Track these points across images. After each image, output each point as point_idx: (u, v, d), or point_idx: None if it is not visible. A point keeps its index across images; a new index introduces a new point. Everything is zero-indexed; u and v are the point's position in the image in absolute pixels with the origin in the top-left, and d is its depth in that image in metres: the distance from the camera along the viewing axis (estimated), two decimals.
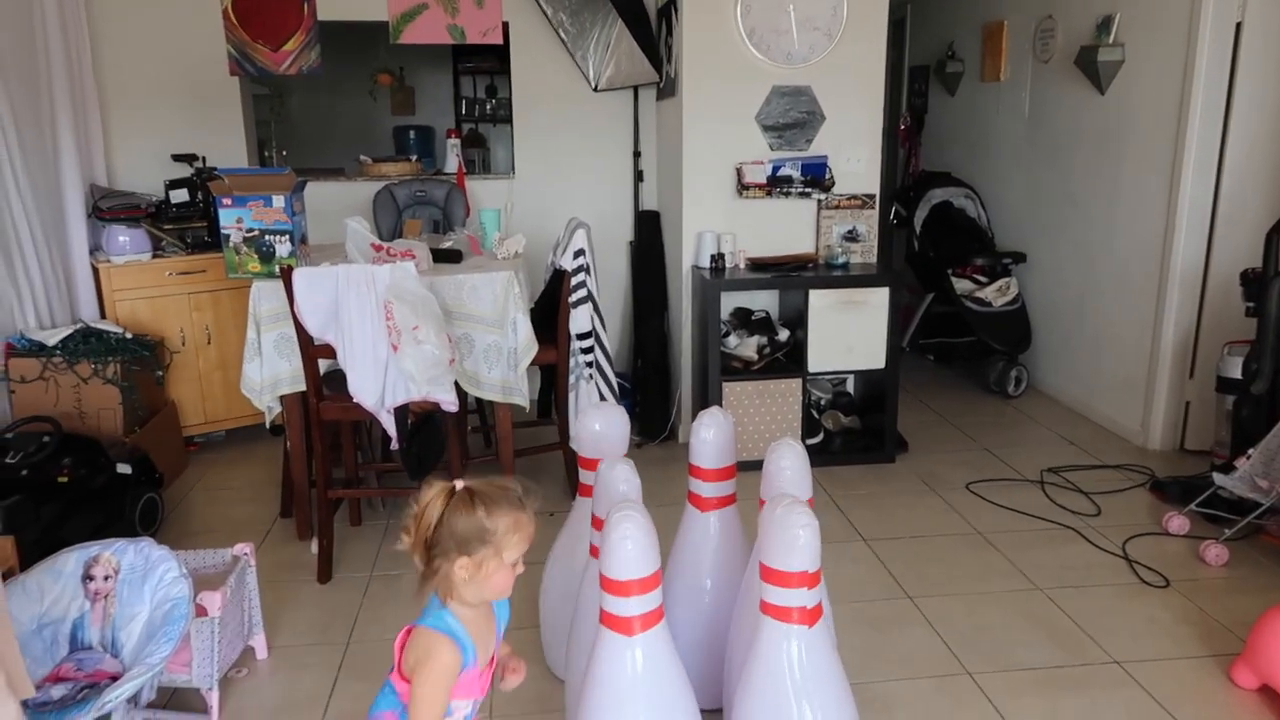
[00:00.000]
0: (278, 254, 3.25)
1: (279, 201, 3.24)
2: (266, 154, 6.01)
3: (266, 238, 3.25)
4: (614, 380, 3.69)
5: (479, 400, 3.85)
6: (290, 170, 3.72)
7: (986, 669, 2.55)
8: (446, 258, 3.51)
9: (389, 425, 3.00)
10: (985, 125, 5.55)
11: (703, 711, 2.22)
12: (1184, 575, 3.05)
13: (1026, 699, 2.42)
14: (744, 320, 4.15)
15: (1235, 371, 3.58)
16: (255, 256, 3.26)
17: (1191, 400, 4.11)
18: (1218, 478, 3.23)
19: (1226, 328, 3.92)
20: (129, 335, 3.83)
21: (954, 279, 4.99)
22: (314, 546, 3.17)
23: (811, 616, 1.87)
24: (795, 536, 1.81)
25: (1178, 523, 3.34)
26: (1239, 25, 3.78)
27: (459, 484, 1.51)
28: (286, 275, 2.93)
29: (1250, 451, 3.22)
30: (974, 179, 5.52)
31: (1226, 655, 2.57)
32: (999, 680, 2.50)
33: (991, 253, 5.09)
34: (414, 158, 5.24)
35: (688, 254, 4.23)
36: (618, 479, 2.04)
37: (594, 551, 2.15)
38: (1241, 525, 3.15)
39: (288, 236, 3.25)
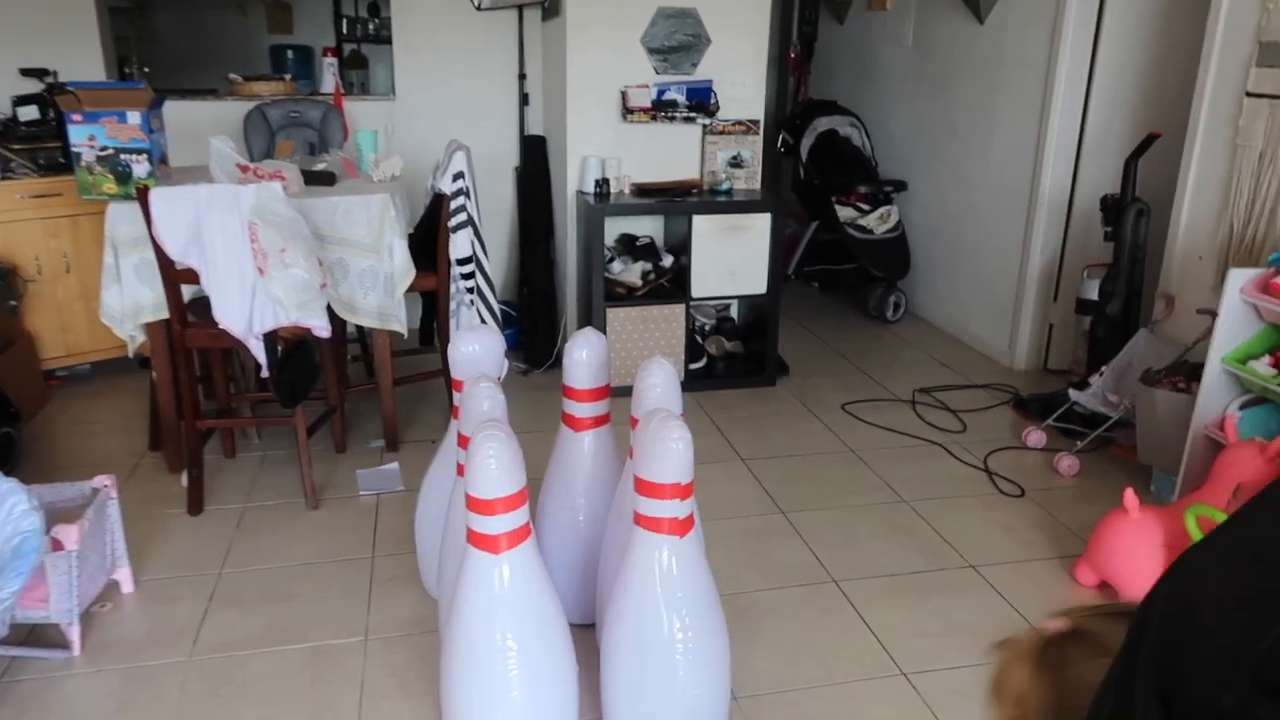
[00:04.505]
0: (134, 174, 3.08)
1: (134, 118, 3.06)
2: (127, 71, 5.65)
3: (122, 157, 3.07)
4: (496, 306, 3.65)
5: (359, 327, 3.76)
6: (146, 85, 3.51)
7: (851, 576, 2.66)
8: (319, 180, 3.38)
9: (258, 352, 2.91)
10: (872, 54, 5.60)
11: (577, 626, 2.27)
12: (1039, 485, 3.23)
13: (887, 602, 2.54)
14: (628, 246, 4.14)
15: (1093, 294, 3.77)
16: (110, 177, 3.08)
17: (1055, 322, 4.31)
18: (1073, 394, 3.42)
19: (1088, 252, 4.11)
20: None
21: (837, 207, 5.08)
22: (184, 479, 3.08)
23: (683, 527, 1.91)
24: (669, 449, 1.84)
25: (1035, 437, 3.53)
26: None
27: None
28: (143, 196, 2.79)
29: (1103, 369, 3.41)
30: (860, 108, 5.59)
31: (1072, 557, 2.75)
32: (862, 587, 2.62)
33: (874, 181, 5.19)
34: (288, 77, 5.00)
35: (572, 179, 4.18)
36: (481, 396, 2.03)
37: (461, 470, 2.14)
38: (1093, 437, 3.35)
39: (145, 156, 3.08)
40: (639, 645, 1.92)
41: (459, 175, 3.43)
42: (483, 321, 3.54)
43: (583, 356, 2.31)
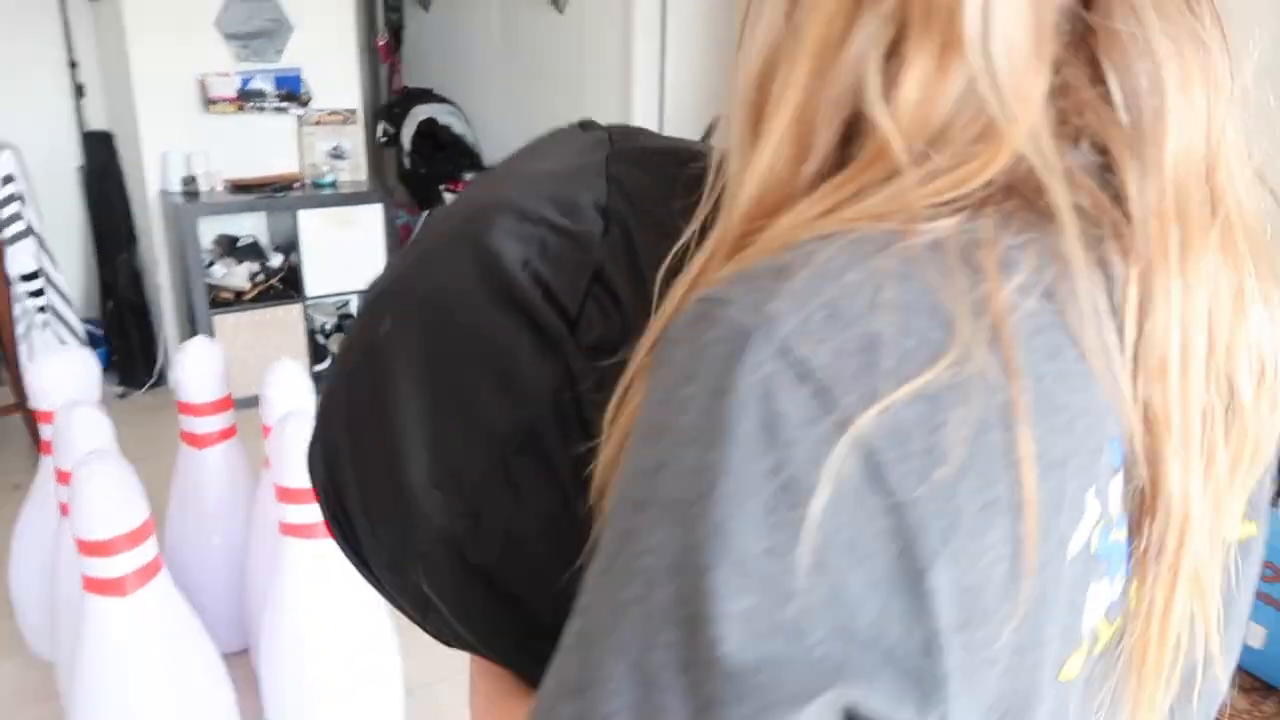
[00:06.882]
0: None
1: None
2: None
3: None
4: (77, 324, 3.24)
5: None
6: None
7: None
8: None
9: None
10: (461, 42, 5.67)
11: (231, 655, 2.12)
12: None
13: None
14: (229, 248, 3.85)
15: None
16: None
17: None
18: None
19: None
20: None
21: (446, 194, 5.11)
22: None
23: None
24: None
25: None
26: None
27: None
28: None
29: None
30: (457, 95, 5.64)
31: None
32: None
33: (479, 168, 5.28)
34: None
35: (153, 178, 3.78)
36: (80, 425, 1.81)
37: (65, 510, 1.90)
38: None
39: None
40: (299, 658, 1.84)
41: (8, 179, 2.99)
42: (63, 343, 3.12)
43: (195, 368, 2.15)
